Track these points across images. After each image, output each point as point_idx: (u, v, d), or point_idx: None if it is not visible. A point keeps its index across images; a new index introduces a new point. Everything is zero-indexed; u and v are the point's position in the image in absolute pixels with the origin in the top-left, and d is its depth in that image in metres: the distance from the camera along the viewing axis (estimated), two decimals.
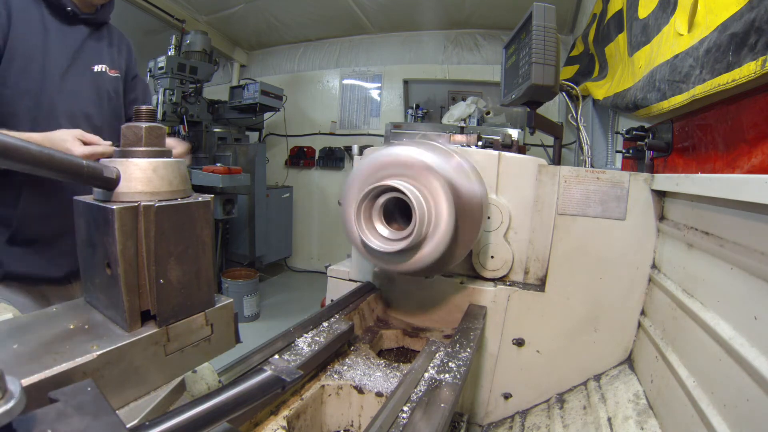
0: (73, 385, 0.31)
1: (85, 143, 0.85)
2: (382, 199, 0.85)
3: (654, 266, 1.03)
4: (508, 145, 1.70)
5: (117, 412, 0.32)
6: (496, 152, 1.15)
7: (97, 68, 1.05)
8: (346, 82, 4.72)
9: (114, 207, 0.35)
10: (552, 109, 3.42)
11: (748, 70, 0.67)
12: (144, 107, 0.40)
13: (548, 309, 1.10)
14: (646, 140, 1.22)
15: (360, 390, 0.81)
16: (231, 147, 4.05)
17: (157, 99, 3.28)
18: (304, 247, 4.82)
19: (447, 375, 0.73)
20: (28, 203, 0.92)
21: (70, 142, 0.83)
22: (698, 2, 0.87)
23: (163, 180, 0.39)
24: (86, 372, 0.34)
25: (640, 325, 1.04)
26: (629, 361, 1.05)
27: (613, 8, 1.66)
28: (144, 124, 0.39)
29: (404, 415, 0.62)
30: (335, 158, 4.74)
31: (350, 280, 1.32)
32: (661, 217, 1.02)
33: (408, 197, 0.80)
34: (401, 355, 1.10)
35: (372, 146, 1.29)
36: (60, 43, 0.95)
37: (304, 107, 4.75)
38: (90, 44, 1.04)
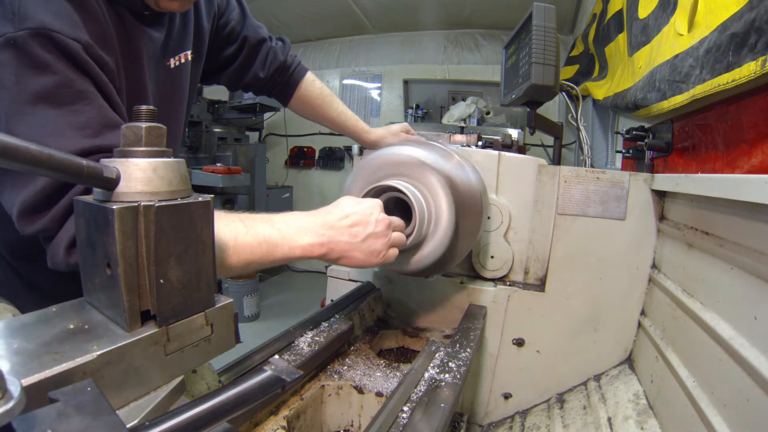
0: (73, 385, 0.31)
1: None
2: (381, 199, 0.85)
3: (654, 266, 1.03)
4: (508, 145, 1.70)
5: (117, 412, 0.32)
6: (496, 152, 1.15)
7: (173, 62, 0.84)
8: (346, 82, 4.72)
9: (114, 207, 0.35)
10: (552, 109, 3.42)
11: (748, 70, 0.67)
12: (144, 107, 0.40)
13: (548, 309, 1.10)
14: (646, 140, 1.23)
15: (360, 390, 0.81)
16: (231, 147, 4.05)
17: None
18: None
19: (447, 375, 0.73)
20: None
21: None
22: (698, 2, 0.87)
23: (163, 180, 0.39)
24: (86, 372, 0.34)
25: (640, 325, 1.04)
26: (629, 361, 1.05)
27: (613, 8, 1.66)
28: (144, 124, 0.39)
29: (404, 415, 0.62)
30: (335, 158, 4.74)
31: (350, 280, 1.32)
32: (661, 217, 1.02)
33: (407, 197, 0.80)
34: (401, 355, 1.10)
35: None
36: (143, 52, 0.75)
37: None
38: (170, 34, 0.82)
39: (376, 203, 0.74)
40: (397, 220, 0.77)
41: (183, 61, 0.87)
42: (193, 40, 0.89)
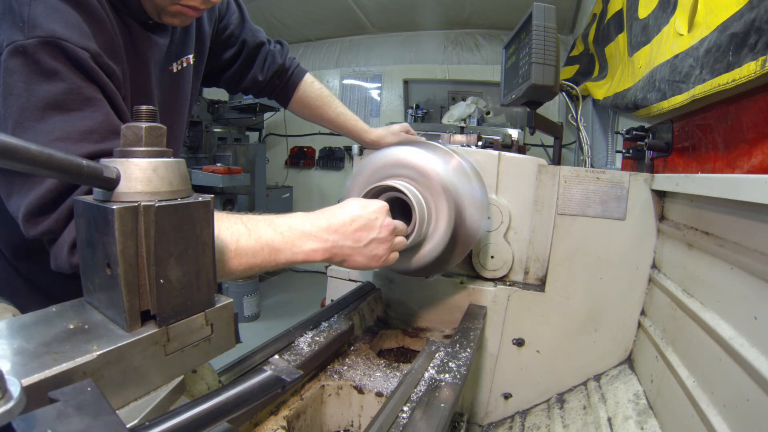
0: (73, 385, 0.31)
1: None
2: (381, 199, 0.85)
3: (654, 266, 1.03)
4: (508, 145, 1.70)
5: (117, 412, 0.32)
6: (496, 152, 1.15)
7: (176, 67, 0.85)
8: (346, 82, 4.72)
9: (114, 207, 0.35)
10: (552, 109, 3.42)
11: (748, 70, 0.67)
12: (144, 107, 0.40)
13: (548, 309, 1.10)
14: (646, 140, 1.22)
15: (360, 390, 0.81)
16: (231, 147, 4.05)
17: None
18: None
19: (447, 375, 0.73)
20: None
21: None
22: (698, 2, 0.87)
23: (163, 180, 0.39)
24: (86, 372, 0.34)
25: (640, 325, 1.04)
26: (629, 361, 1.05)
27: (613, 8, 1.66)
28: (144, 124, 0.39)
29: (404, 415, 0.62)
30: (335, 158, 4.74)
31: (350, 280, 1.32)
32: (661, 217, 1.02)
33: (408, 197, 0.80)
34: (401, 355, 1.10)
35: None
36: (149, 58, 0.76)
37: None
38: (172, 39, 0.82)
39: (383, 207, 0.74)
40: (400, 225, 0.77)
41: (185, 65, 0.87)
42: (195, 44, 0.89)
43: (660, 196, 1.02)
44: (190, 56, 0.88)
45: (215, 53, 1.02)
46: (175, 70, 0.85)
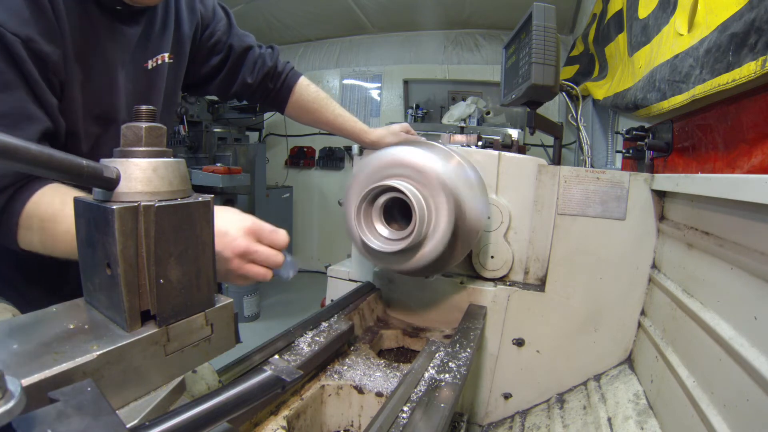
0: (73, 385, 0.31)
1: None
2: (382, 200, 0.85)
3: (654, 266, 1.03)
4: (508, 145, 1.70)
5: (117, 412, 0.32)
6: (496, 152, 1.15)
7: (151, 63, 0.85)
8: (346, 82, 4.72)
9: (114, 207, 0.35)
10: (552, 109, 3.42)
11: (748, 70, 0.67)
12: (144, 107, 0.40)
13: (548, 309, 1.10)
14: (646, 140, 1.22)
15: (360, 390, 0.81)
16: (231, 147, 4.04)
17: None
18: (304, 247, 4.81)
19: (447, 375, 0.73)
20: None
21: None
22: (698, 2, 0.87)
23: (163, 180, 0.39)
24: (86, 372, 0.34)
25: (640, 325, 1.04)
26: (629, 361, 1.05)
27: (613, 8, 1.66)
28: (144, 124, 0.39)
29: (404, 415, 0.62)
30: (335, 158, 4.74)
31: (350, 280, 1.32)
32: (661, 217, 1.02)
33: (408, 197, 0.80)
34: (401, 355, 1.10)
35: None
36: (113, 47, 0.77)
37: None
38: (147, 36, 0.83)
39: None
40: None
41: (160, 62, 0.88)
42: (172, 43, 0.90)
43: (660, 196, 1.02)
44: (166, 54, 0.89)
45: (203, 60, 1.02)
46: (150, 67, 0.86)
